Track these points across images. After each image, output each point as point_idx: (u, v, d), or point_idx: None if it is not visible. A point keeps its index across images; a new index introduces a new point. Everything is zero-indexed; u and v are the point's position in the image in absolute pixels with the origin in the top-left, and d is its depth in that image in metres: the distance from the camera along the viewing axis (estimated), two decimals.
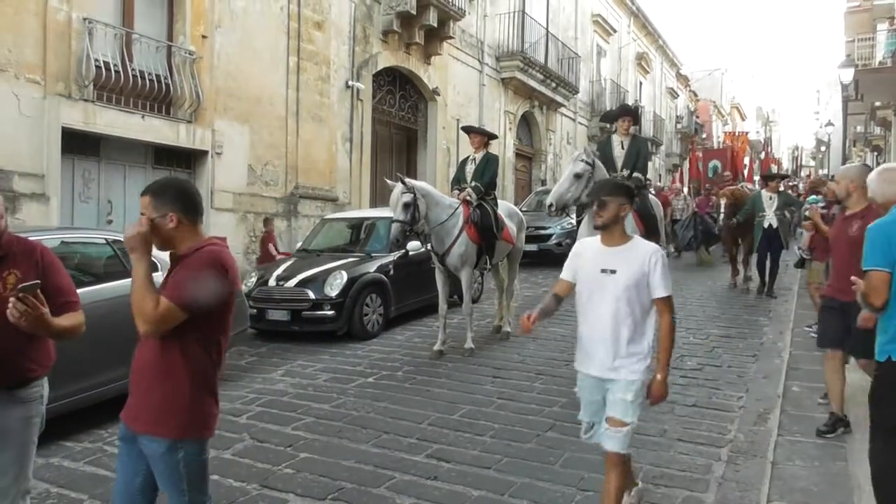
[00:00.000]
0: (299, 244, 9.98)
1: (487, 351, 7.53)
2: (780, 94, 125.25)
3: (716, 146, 35.97)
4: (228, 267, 2.50)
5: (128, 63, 9.08)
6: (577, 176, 6.07)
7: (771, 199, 10.60)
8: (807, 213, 7.51)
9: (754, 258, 11.37)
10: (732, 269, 12.08)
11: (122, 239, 5.73)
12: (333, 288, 7.97)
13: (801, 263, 8.14)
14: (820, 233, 7.11)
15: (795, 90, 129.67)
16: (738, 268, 11.95)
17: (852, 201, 4.56)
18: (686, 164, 21.82)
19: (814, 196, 8.61)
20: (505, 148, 19.21)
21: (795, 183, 28.02)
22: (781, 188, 11.89)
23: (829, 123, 34.89)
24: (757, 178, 20.21)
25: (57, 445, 4.75)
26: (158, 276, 5.94)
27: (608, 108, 23.46)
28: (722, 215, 11.82)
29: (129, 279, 5.64)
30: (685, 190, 19.76)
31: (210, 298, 2.42)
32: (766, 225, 10.48)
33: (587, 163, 6.12)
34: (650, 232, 6.85)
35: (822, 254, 7.22)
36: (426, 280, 8.32)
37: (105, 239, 5.76)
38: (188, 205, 2.55)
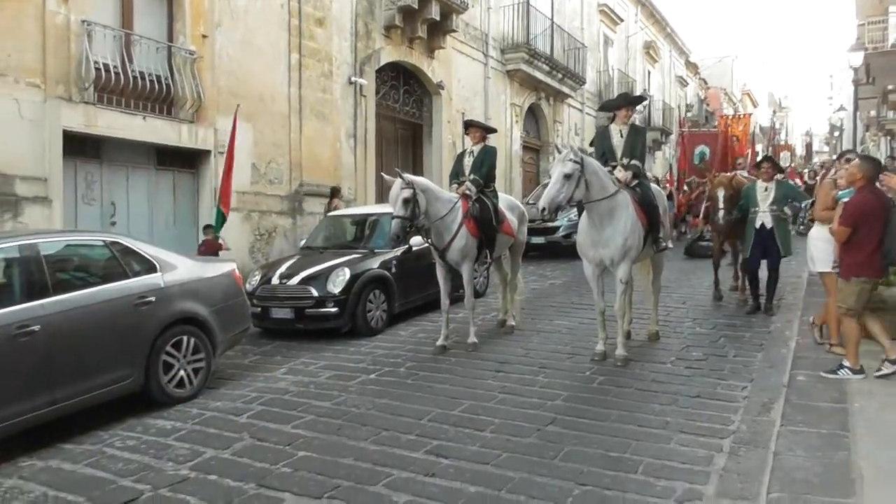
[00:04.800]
0: (303, 241, 9.97)
1: (491, 345, 7.47)
2: (793, 80, 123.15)
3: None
4: None
5: (128, 64, 9.10)
6: (567, 176, 5.98)
7: (766, 190, 8.25)
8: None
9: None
10: (715, 278, 9.72)
11: (120, 240, 5.77)
12: (336, 285, 7.95)
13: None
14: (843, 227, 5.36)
15: (808, 75, 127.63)
16: (720, 278, 9.78)
17: None
18: (678, 153, 18.53)
19: (851, 189, 5.69)
20: (511, 141, 19.12)
21: (811, 169, 26.24)
22: (780, 176, 9.08)
23: (842, 108, 34.57)
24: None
25: (56, 448, 4.77)
26: (157, 278, 5.88)
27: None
28: (721, 211, 8.96)
29: (128, 280, 5.54)
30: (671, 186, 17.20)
31: None
32: (757, 224, 8.22)
33: (576, 162, 6.03)
34: (652, 223, 6.75)
35: (862, 267, 5.40)
36: (430, 275, 8.26)
37: (102, 241, 5.75)
38: None
